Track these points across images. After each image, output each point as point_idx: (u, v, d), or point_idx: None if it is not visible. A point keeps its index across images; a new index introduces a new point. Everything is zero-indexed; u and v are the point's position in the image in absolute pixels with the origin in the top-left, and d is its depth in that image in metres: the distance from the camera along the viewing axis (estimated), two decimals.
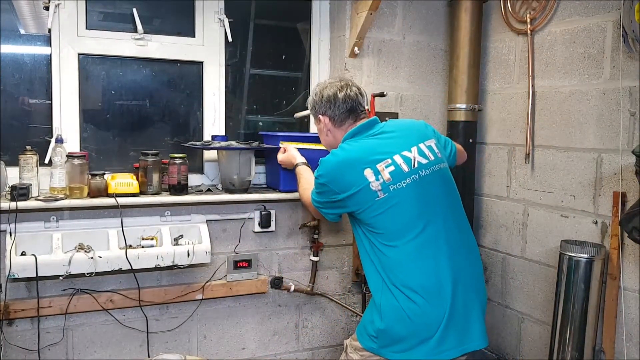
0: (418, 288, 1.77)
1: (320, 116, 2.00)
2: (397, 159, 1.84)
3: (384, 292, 1.82)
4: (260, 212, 2.57)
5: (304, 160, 2.27)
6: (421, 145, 1.89)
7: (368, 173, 1.80)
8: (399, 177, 1.81)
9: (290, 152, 2.31)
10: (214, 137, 2.49)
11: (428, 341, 1.77)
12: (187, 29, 2.58)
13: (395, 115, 2.77)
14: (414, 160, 1.85)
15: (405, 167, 1.83)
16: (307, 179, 2.16)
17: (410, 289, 1.78)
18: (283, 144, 2.37)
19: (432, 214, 1.83)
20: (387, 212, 1.80)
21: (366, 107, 2.02)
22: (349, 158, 1.85)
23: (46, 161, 2.31)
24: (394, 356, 1.80)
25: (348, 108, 1.95)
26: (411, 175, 1.83)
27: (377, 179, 1.80)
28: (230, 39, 2.61)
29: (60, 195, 2.18)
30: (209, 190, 2.50)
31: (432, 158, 1.89)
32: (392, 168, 1.82)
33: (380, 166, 1.81)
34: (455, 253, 1.85)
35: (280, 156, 2.35)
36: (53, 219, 2.23)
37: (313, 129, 2.87)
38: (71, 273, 2.13)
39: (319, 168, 1.90)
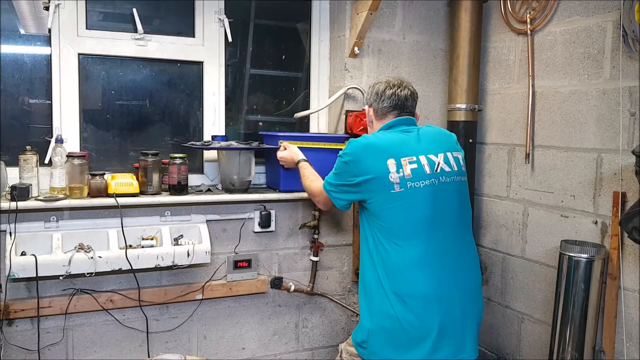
0: (418, 297, 1.78)
1: (366, 106, 2.10)
2: (422, 159, 1.86)
3: (380, 297, 1.83)
4: (260, 212, 2.57)
5: (305, 157, 2.28)
6: (448, 154, 1.93)
7: (390, 163, 1.83)
8: (419, 176, 1.83)
9: (291, 149, 2.33)
10: (214, 137, 2.49)
11: (420, 349, 1.78)
12: (187, 29, 2.58)
13: None
14: (438, 165, 1.88)
15: (427, 169, 1.85)
16: (312, 172, 2.20)
17: (410, 297, 1.78)
18: (283, 142, 2.38)
19: (443, 221, 1.85)
20: (399, 208, 1.82)
21: (417, 112, 2.07)
22: (376, 144, 1.88)
23: (46, 161, 2.31)
24: None
25: (392, 105, 2.00)
26: (431, 178, 1.85)
27: (398, 172, 1.82)
28: (230, 39, 2.61)
29: (60, 195, 2.18)
30: (209, 190, 2.50)
31: (456, 169, 1.92)
32: (414, 166, 1.84)
33: (404, 160, 1.84)
34: (459, 264, 1.87)
35: (281, 153, 2.36)
36: (53, 219, 2.23)
37: (313, 129, 2.87)
38: (71, 273, 2.13)
39: (346, 147, 1.95)
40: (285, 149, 2.36)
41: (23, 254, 2.13)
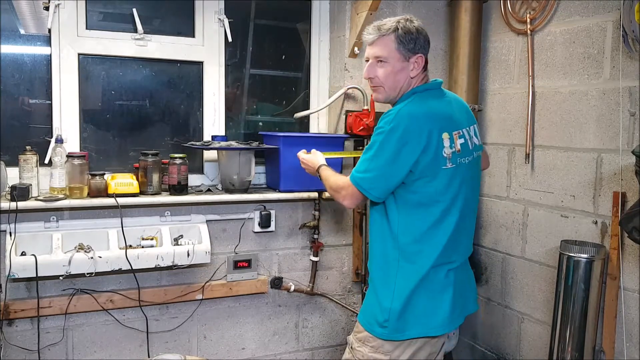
0: (439, 266, 1.73)
1: (416, 56, 1.75)
2: (465, 132, 1.73)
3: (401, 273, 1.74)
4: (260, 212, 2.57)
5: (326, 163, 2.07)
6: (475, 127, 1.83)
7: (445, 137, 1.65)
8: (465, 151, 1.71)
9: (315, 154, 2.11)
10: (214, 137, 2.49)
11: (441, 314, 1.75)
12: (187, 29, 2.58)
13: None
14: (472, 139, 1.78)
15: (470, 144, 1.75)
16: (333, 172, 1.96)
17: (433, 268, 1.73)
18: (313, 151, 2.17)
19: (471, 192, 1.81)
20: (445, 185, 1.67)
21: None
22: (433, 113, 1.65)
23: (46, 161, 2.31)
24: (409, 335, 1.74)
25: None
26: (473, 153, 1.76)
27: (451, 147, 1.66)
28: (230, 39, 2.61)
29: (60, 195, 2.18)
30: (209, 190, 2.50)
31: (478, 143, 1.84)
32: (462, 140, 1.70)
33: (455, 134, 1.67)
34: (467, 229, 1.85)
35: (304, 155, 2.13)
36: (53, 219, 2.23)
37: (313, 129, 2.87)
38: (71, 273, 2.13)
39: (391, 118, 1.63)
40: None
41: (23, 254, 2.13)
